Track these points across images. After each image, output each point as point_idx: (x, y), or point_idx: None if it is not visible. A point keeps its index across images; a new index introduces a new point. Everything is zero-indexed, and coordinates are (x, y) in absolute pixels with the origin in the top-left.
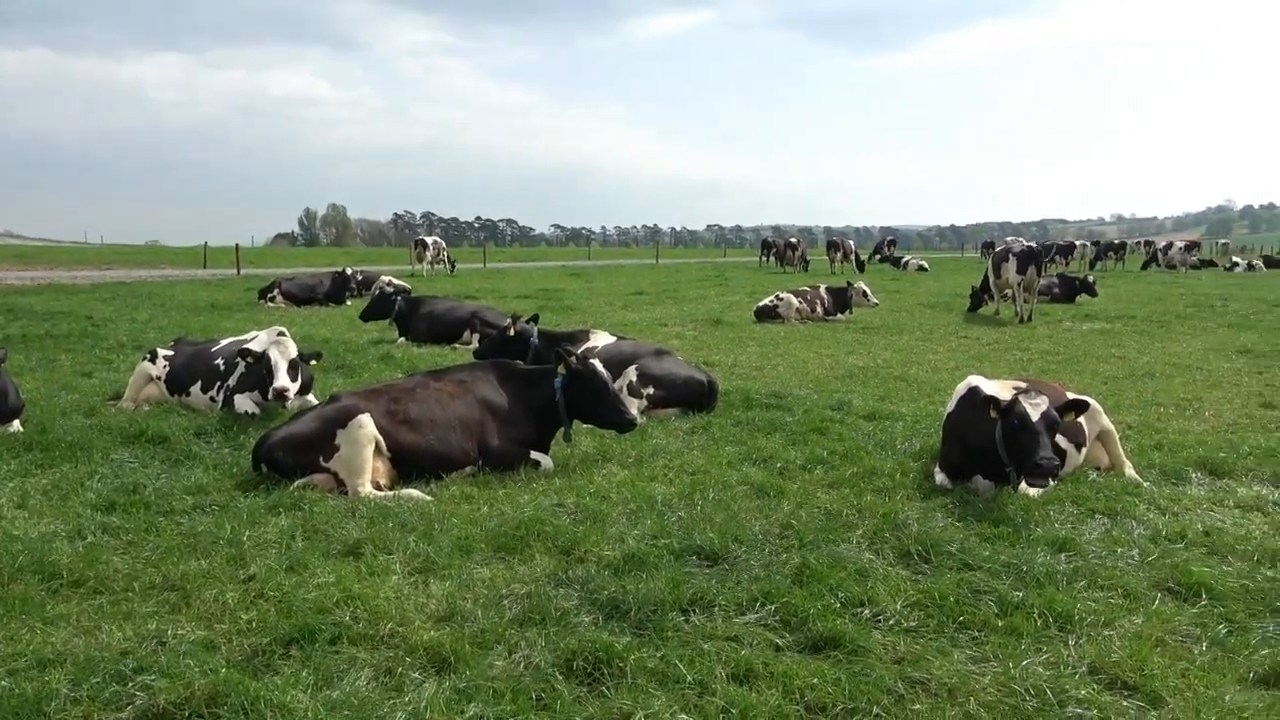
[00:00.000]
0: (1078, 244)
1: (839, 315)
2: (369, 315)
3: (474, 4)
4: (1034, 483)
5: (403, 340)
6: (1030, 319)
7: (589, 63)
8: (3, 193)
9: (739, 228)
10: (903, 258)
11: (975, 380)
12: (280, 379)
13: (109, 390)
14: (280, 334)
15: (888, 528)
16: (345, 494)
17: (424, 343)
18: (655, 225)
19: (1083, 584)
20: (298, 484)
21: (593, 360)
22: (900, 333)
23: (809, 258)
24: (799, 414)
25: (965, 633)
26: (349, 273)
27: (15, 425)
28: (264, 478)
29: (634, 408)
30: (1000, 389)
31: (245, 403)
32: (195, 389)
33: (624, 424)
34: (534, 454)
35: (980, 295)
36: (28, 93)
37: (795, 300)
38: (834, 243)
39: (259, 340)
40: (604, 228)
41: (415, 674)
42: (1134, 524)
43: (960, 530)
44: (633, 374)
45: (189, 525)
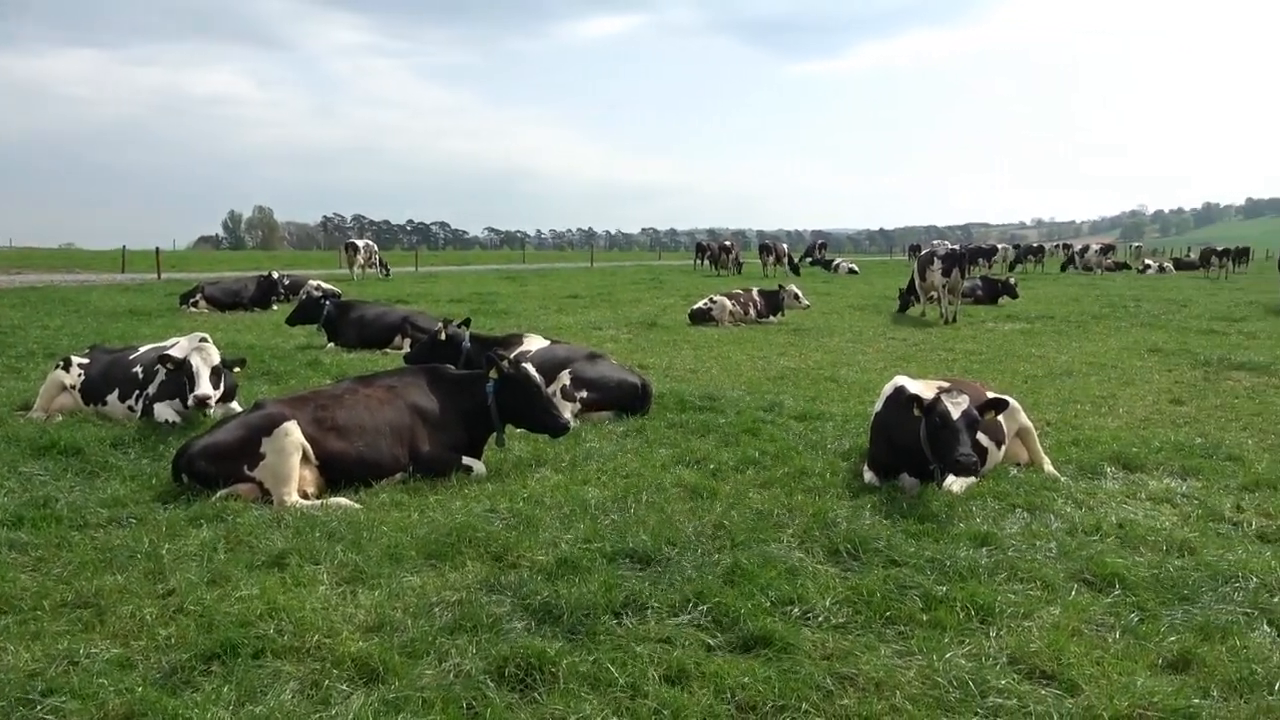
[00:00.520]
0: (1000, 247)
1: (771, 317)
2: (296, 320)
3: (403, 4)
4: (958, 478)
5: (332, 346)
6: (955, 320)
7: (521, 65)
8: None
9: (674, 231)
10: (833, 261)
11: (901, 380)
12: (202, 386)
13: (17, 400)
14: (202, 340)
15: (818, 526)
16: (271, 503)
17: (354, 348)
18: (590, 228)
19: (1003, 577)
20: (220, 494)
21: (525, 364)
22: (831, 334)
23: (742, 260)
24: (732, 415)
25: (892, 627)
26: (276, 277)
27: None
28: (185, 488)
29: (568, 411)
30: (924, 388)
31: (165, 411)
32: (112, 398)
33: (557, 428)
34: (466, 459)
35: (907, 297)
36: None
37: (729, 303)
38: (766, 246)
39: (180, 346)
40: (539, 231)
41: (343, 686)
42: (1052, 518)
43: (887, 527)
44: (566, 378)
45: (104, 539)
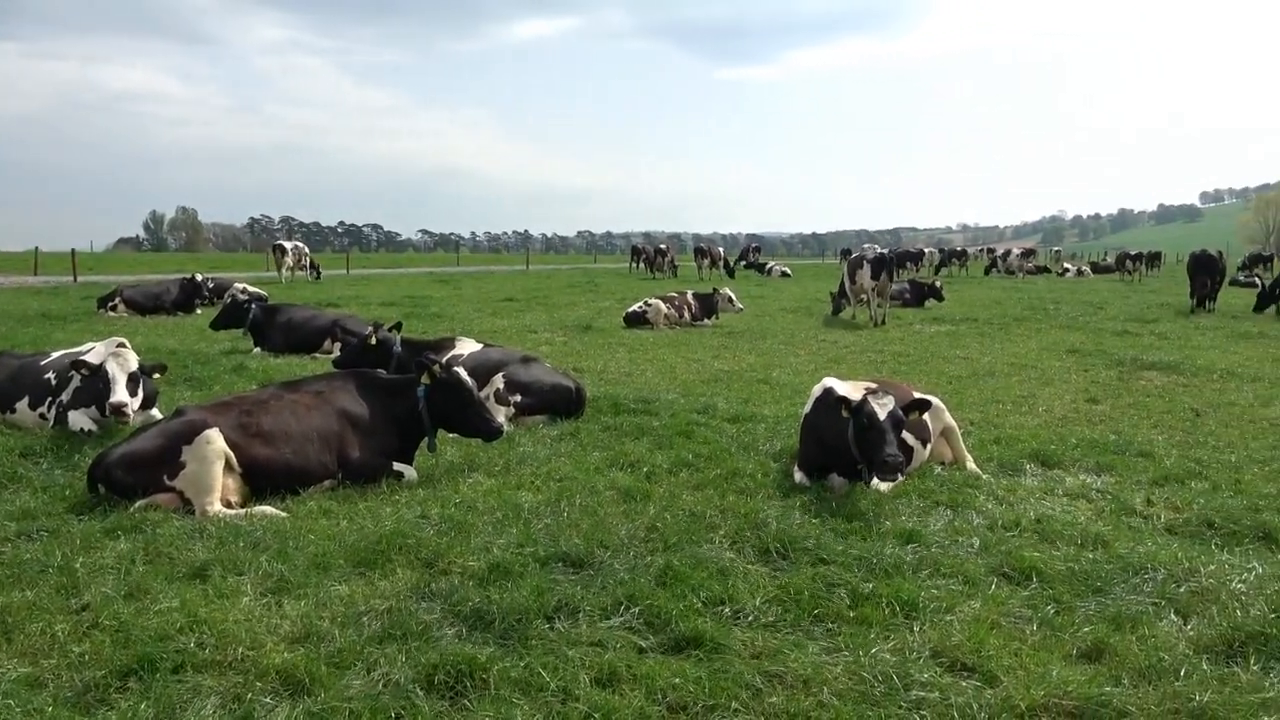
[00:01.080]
0: (927, 251)
1: (706, 320)
2: (221, 324)
3: (332, 2)
4: (883, 478)
5: (258, 350)
6: (884, 322)
7: (454, 66)
8: None
9: (610, 234)
10: (767, 264)
11: (829, 382)
12: (118, 393)
13: None
14: (120, 345)
15: (749, 527)
16: (192, 514)
17: (281, 353)
18: (526, 231)
19: (927, 573)
20: (139, 505)
21: (457, 368)
22: (764, 337)
23: (677, 264)
24: (666, 418)
25: (820, 625)
26: (200, 279)
27: None
28: (101, 500)
29: (501, 416)
30: (852, 390)
31: (80, 419)
32: (22, 405)
33: (490, 432)
34: (397, 465)
35: (838, 300)
36: None
37: (663, 306)
38: (701, 249)
39: (95, 352)
40: (474, 233)
41: (267, 699)
42: (974, 514)
43: (816, 526)
44: (500, 381)
45: (12, 554)
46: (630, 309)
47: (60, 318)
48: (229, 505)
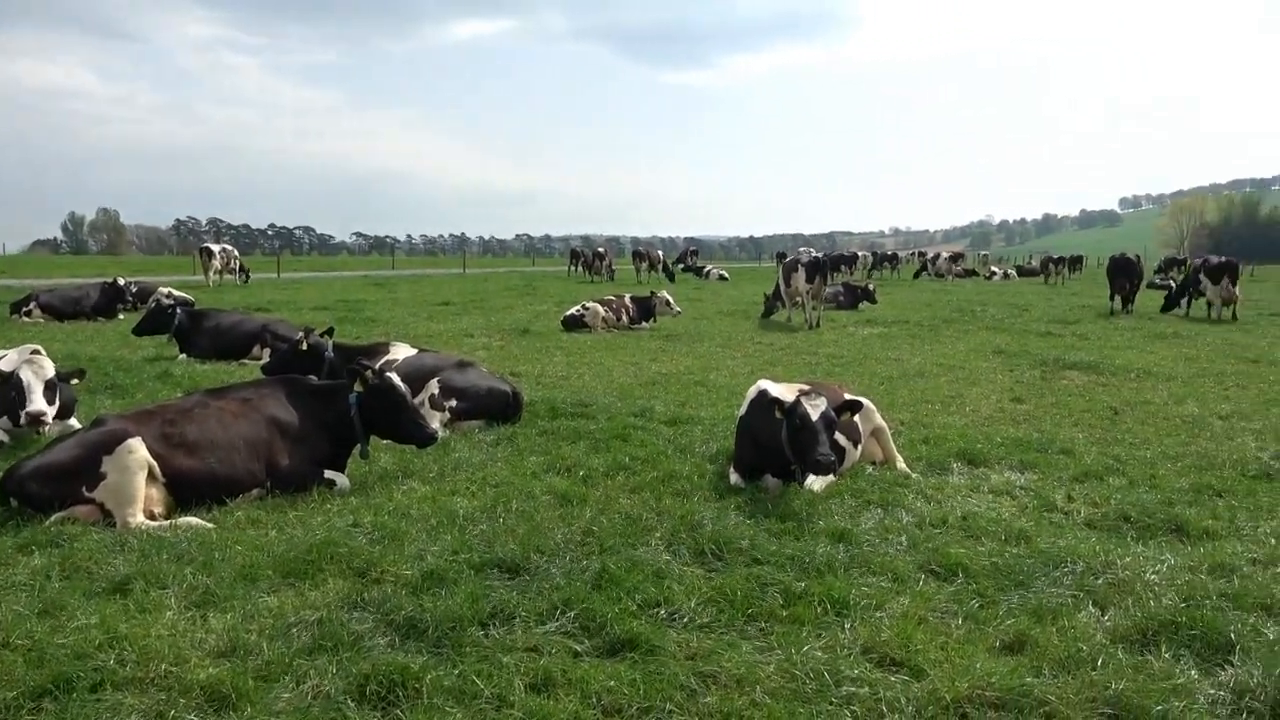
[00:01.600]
0: (860, 255)
1: (644, 324)
2: (144, 330)
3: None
4: (818, 476)
5: (184, 357)
6: (818, 325)
7: (389, 66)
8: None
9: (548, 237)
10: (705, 267)
11: (764, 384)
12: (34, 402)
13: None
14: (34, 352)
15: (684, 529)
16: (113, 526)
17: (209, 359)
18: (463, 234)
19: (858, 571)
20: (56, 518)
21: (390, 374)
22: (701, 340)
23: (615, 267)
24: (603, 421)
25: (753, 624)
26: (122, 283)
27: None
28: (14, 513)
29: (436, 421)
30: (785, 391)
31: None
32: None
33: (424, 438)
34: (328, 473)
35: (773, 303)
36: None
37: (601, 309)
38: (639, 252)
39: (9, 359)
40: (409, 236)
41: (191, 716)
42: (903, 513)
43: (751, 527)
44: (435, 387)
45: None
46: (568, 312)
47: None
48: (152, 517)
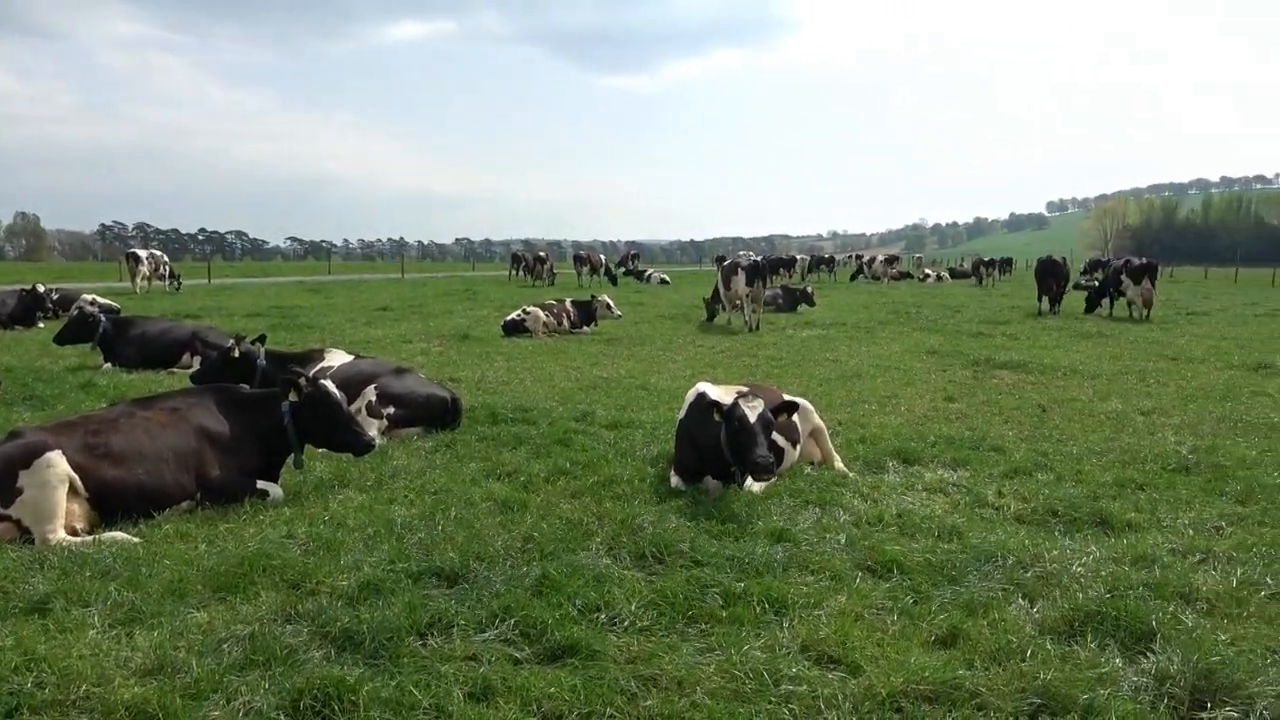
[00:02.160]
0: (799, 258)
1: (585, 328)
2: (67, 338)
3: None
4: (756, 478)
5: (109, 366)
6: (758, 327)
7: (324, 68)
8: None
9: (488, 241)
10: (646, 271)
11: (703, 386)
12: None
13: None
14: None
15: (625, 532)
16: (32, 543)
17: (135, 368)
18: (401, 239)
19: (796, 570)
20: None
21: (324, 381)
22: (642, 343)
23: (556, 271)
24: (544, 426)
25: (694, 626)
26: (42, 290)
27: None
28: None
29: (373, 429)
30: (724, 394)
31: None
32: None
33: (360, 446)
34: (261, 484)
35: (713, 306)
36: None
37: (542, 314)
38: (580, 256)
39: None
40: (346, 241)
41: None
42: (841, 511)
43: (691, 529)
44: (372, 393)
45: None
46: (508, 317)
47: None
48: (74, 532)
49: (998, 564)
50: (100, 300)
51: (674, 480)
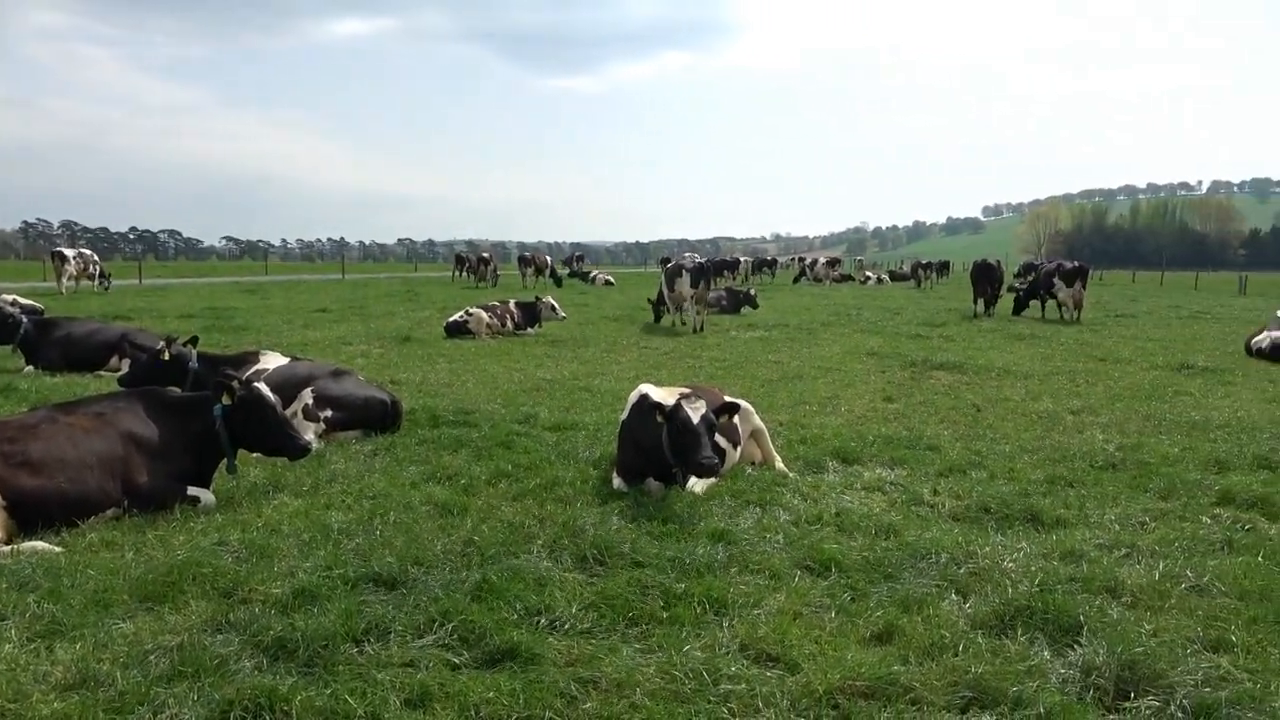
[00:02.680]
0: (742, 260)
1: (529, 329)
2: None
3: None
4: (701, 478)
5: (31, 369)
6: (702, 329)
7: (263, 64)
8: None
9: (431, 242)
10: (591, 272)
11: (645, 388)
12: None
13: None
14: None
15: (567, 535)
16: None
17: (60, 371)
18: (342, 238)
19: (736, 570)
20: None
21: (258, 384)
22: (587, 345)
23: (499, 272)
24: (486, 429)
25: (634, 628)
26: None
27: None
28: None
29: (310, 432)
30: (666, 395)
31: None
32: None
33: (295, 450)
34: (192, 490)
35: (658, 307)
36: None
37: (485, 315)
38: (525, 258)
39: None
40: (284, 241)
41: None
42: (781, 511)
43: (633, 531)
44: (308, 396)
45: None
46: (451, 318)
47: None
48: None
49: (932, 561)
50: (22, 300)
51: (616, 482)
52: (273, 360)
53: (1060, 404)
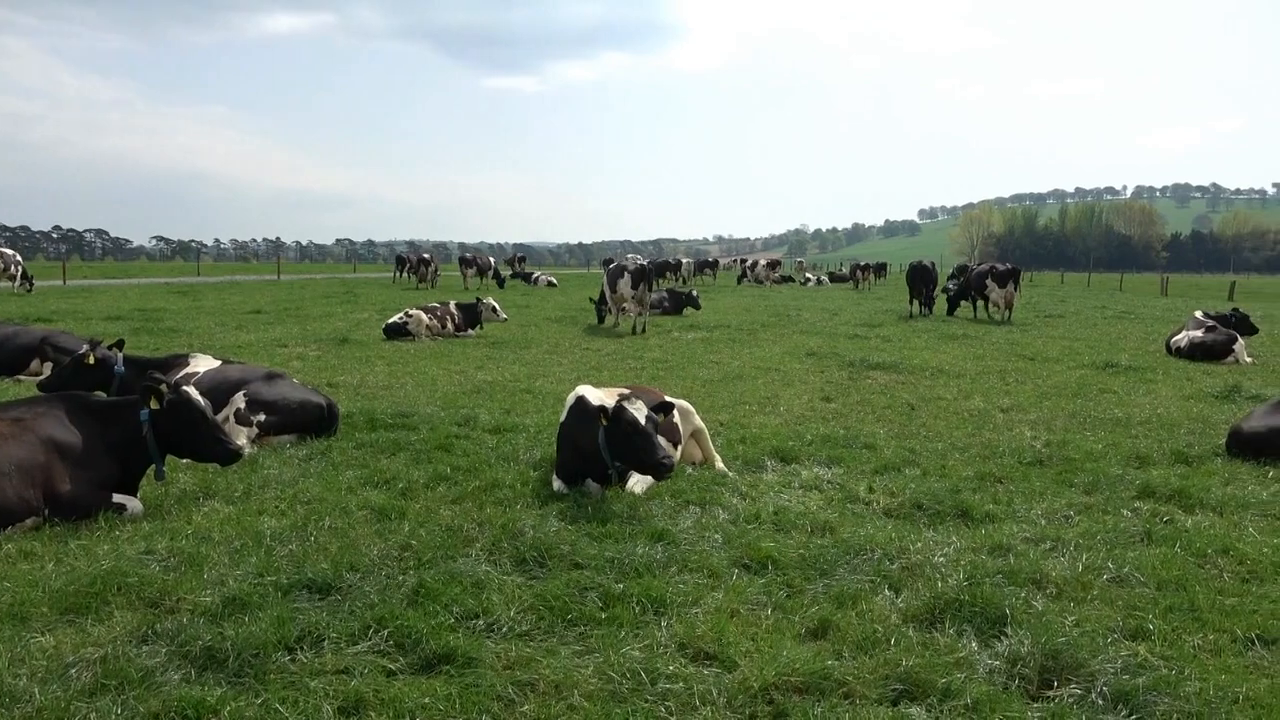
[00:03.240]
0: (685, 261)
1: (470, 331)
2: None
3: None
4: (660, 478)
5: None
6: (644, 330)
7: (190, 58)
8: None
9: (371, 242)
10: (533, 274)
11: (583, 390)
12: None
13: None
14: None
15: (506, 537)
16: None
17: None
18: (278, 238)
19: (675, 569)
20: None
21: (187, 388)
22: (528, 346)
23: (440, 273)
24: (425, 432)
25: (573, 629)
26: None
27: None
28: None
29: (242, 437)
30: (605, 397)
31: None
32: None
33: (226, 455)
34: (117, 497)
35: (601, 308)
36: None
37: (425, 317)
38: (466, 258)
39: None
40: (218, 241)
41: None
42: (720, 510)
43: (573, 532)
44: (241, 400)
45: None
46: (390, 320)
47: None
48: None
49: (867, 557)
50: None
51: (556, 484)
52: (204, 363)
53: (991, 402)
